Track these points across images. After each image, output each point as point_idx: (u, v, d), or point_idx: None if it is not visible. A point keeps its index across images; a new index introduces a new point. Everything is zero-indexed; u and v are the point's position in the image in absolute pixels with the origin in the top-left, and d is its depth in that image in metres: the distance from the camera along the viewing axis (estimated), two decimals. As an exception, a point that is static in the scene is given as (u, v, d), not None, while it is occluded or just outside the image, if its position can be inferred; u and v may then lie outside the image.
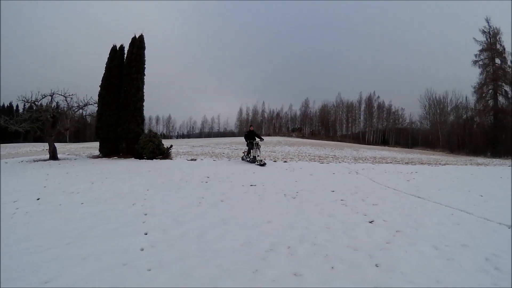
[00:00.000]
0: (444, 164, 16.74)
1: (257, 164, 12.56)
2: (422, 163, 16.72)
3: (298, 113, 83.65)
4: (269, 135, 73.57)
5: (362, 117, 72.79)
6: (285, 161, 15.06)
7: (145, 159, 14.38)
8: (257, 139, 13.69)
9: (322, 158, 17.59)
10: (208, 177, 8.90)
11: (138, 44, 16.22)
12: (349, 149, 29.66)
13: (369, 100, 71.17)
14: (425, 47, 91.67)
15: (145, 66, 16.29)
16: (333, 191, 7.31)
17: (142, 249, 3.46)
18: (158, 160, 13.94)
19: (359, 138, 67.35)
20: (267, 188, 7.43)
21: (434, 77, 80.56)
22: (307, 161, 15.61)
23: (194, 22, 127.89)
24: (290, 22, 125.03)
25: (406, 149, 44.63)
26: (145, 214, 4.92)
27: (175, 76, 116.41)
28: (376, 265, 3.19)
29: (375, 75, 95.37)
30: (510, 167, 15.44)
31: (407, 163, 16.61)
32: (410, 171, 12.24)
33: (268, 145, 30.35)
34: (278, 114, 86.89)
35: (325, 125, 77.16)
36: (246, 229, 4.25)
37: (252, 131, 14.20)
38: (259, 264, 3.08)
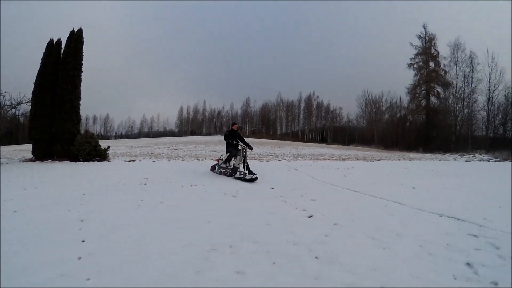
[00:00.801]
0: (379, 160, 18.27)
1: (241, 178, 9.11)
2: (358, 159, 18.09)
3: (239, 112, 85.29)
4: (209, 134, 74.66)
5: (301, 116, 76.28)
6: None
7: (81, 161, 14.08)
8: (242, 144, 9.78)
9: (262, 156, 18.21)
10: (147, 179, 8.84)
11: (76, 38, 15.57)
12: (288, 147, 31.05)
13: (309, 100, 74.78)
14: (363, 50, 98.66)
15: (83, 62, 15.72)
16: (272, 188, 7.68)
17: (79, 258, 3.24)
18: (95, 162, 13.77)
19: (299, 136, 70.43)
20: (207, 188, 7.56)
21: (371, 78, 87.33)
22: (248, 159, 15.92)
23: (136, 19, 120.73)
24: (231, 22, 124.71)
25: (344, 146, 47.96)
26: (82, 221, 4.64)
27: (113, 74, 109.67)
28: (316, 258, 3.30)
29: (315, 76, 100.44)
30: (441, 161, 17.22)
31: (344, 159, 17.82)
32: (347, 167, 13.21)
33: (209, 144, 30.97)
34: (219, 113, 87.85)
35: (266, 123, 79.94)
36: (187, 230, 4.21)
37: (235, 131, 10.25)
38: (201, 265, 3.06)
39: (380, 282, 2.80)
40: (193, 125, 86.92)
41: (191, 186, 7.84)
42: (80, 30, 15.73)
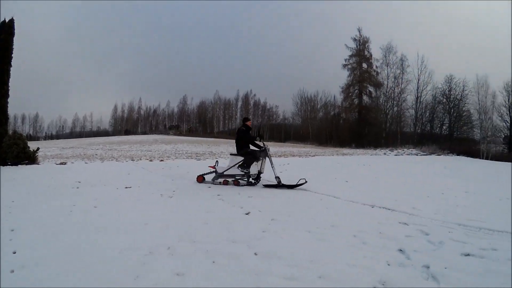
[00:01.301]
0: (314, 156, 19.15)
1: (277, 185, 7.89)
2: (294, 156, 18.82)
3: (176, 110, 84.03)
4: (145, 133, 72.88)
5: (239, 114, 76.79)
6: (161, 160, 15.37)
7: (9, 165, 12.86)
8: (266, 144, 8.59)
9: (199, 155, 18.24)
10: (79, 182, 8.36)
11: (7, 29, 13.82)
12: (225, 145, 31.44)
13: (246, 98, 75.63)
14: (300, 51, 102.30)
15: (12, 56, 14.01)
16: (209, 187, 7.79)
17: (12, 271, 2.84)
18: (24, 166, 12.89)
19: (236, 134, 70.88)
20: (143, 190, 7.38)
21: (306, 78, 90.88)
22: (184, 158, 16.26)
23: (71, 15, 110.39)
24: (168, 17, 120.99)
25: (280, 143, 49.37)
26: (12, 230, 4.10)
27: (43, 69, 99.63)
28: (255, 254, 3.30)
29: (253, 75, 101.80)
30: (372, 155, 18.44)
31: (280, 156, 18.41)
32: (283, 163, 13.58)
33: (144, 144, 30.72)
34: (155, 111, 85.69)
35: (203, 122, 79.41)
36: (123, 234, 4.01)
37: (250, 128, 8.87)
38: (139, 270, 2.91)
39: (319, 273, 2.85)
40: (128, 124, 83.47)
41: (126, 188, 7.58)
42: (11, 21, 14.04)
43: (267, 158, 8.29)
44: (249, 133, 8.60)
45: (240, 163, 8.20)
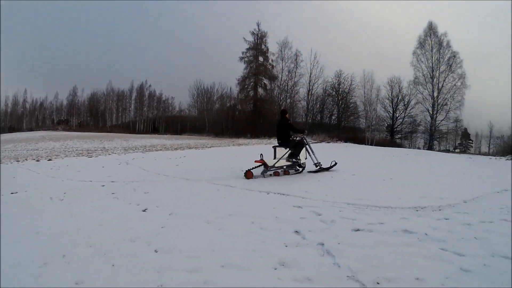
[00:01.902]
0: (210, 147, 19.27)
1: (319, 170, 8.73)
2: (190, 148, 18.70)
3: (65, 102, 74.08)
4: (31, 129, 63.63)
5: (133, 106, 72.14)
6: (49, 160, 13.85)
7: None
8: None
9: (90, 152, 16.89)
10: None
11: None
12: (119, 140, 29.81)
13: (141, 89, 71.34)
14: (196, 42, 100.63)
15: None
16: (103, 186, 7.31)
17: None
18: None
19: (130, 128, 66.90)
20: (30, 194, 6.71)
21: (203, 69, 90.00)
22: (74, 156, 15.03)
23: None
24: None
25: (176, 135, 48.45)
26: None
27: None
28: (156, 251, 3.24)
29: (148, 65, 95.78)
30: (267, 145, 19.30)
31: (176, 149, 18.10)
32: (179, 156, 13.44)
33: (31, 142, 26.96)
34: (42, 104, 73.75)
35: (95, 115, 72.31)
36: (13, 246, 3.57)
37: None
38: (35, 283, 2.67)
39: (220, 262, 2.91)
40: (12, 119, 71.51)
41: (12, 193, 6.68)
42: None
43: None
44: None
45: (289, 153, 8.53)
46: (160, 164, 10.86)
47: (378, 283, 2.55)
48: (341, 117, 40.48)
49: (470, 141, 46.89)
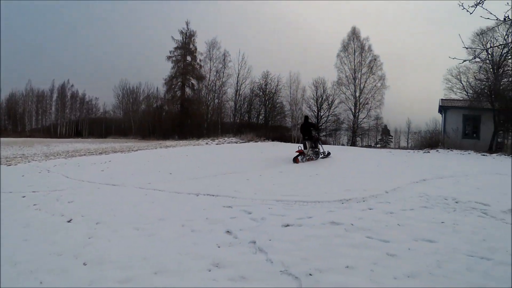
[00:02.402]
0: (137, 150, 18.45)
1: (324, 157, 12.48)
2: (116, 152, 17.70)
3: None
4: None
5: (54, 108, 65.80)
6: None
7: None
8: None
9: (9, 160, 14.92)
10: None
11: None
12: (39, 145, 27.00)
13: (62, 89, 65.35)
14: (122, 38, 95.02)
15: None
16: (24, 197, 6.60)
17: None
18: None
19: (51, 132, 61.13)
20: None
21: (129, 68, 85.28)
22: None
23: None
24: None
25: (100, 139, 45.50)
26: None
27: None
28: (84, 264, 3.06)
29: (70, 63, 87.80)
30: (195, 146, 19.04)
31: (101, 153, 17.04)
32: (104, 161, 12.63)
33: None
34: None
35: (13, 118, 64.14)
36: None
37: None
38: None
39: (154, 269, 2.85)
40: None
41: None
42: None
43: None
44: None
45: (313, 145, 11.95)
46: (84, 171, 10.11)
47: (310, 275, 2.67)
48: (268, 117, 41.44)
49: (390, 137, 51.39)
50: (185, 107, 42.49)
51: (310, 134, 11.94)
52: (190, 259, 2.97)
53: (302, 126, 12.59)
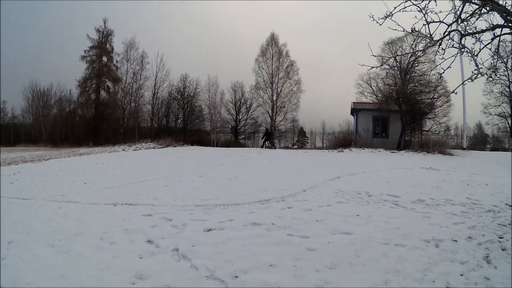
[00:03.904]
0: (48, 159, 16.88)
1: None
2: (25, 162, 15.98)
3: None
4: None
5: None
6: None
7: None
8: None
9: None
10: None
11: None
12: None
13: None
14: (31, 34, 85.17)
15: None
16: None
17: None
18: None
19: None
20: None
21: (40, 67, 76.80)
22: None
23: None
24: None
25: (8, 147, 40.44)
26: None
27: None
28: None
29: None
30: (111, 153, 18.03)
31: (9, 163, 15.19)
32: (13, 172, 11.24)
33: None
34: None
35: None
36: None
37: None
38: None
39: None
40: None
41: None
42: None
43: None
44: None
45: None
46: None
47: (236, 277, 2.77)
48: (187, 121, 40.89)
49: (306, 138, 53.95)
50: (100, 111, 39.70)
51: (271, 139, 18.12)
52: (111, 274, 2.88)
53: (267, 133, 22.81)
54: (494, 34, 3.38)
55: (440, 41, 3.43)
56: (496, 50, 3.60)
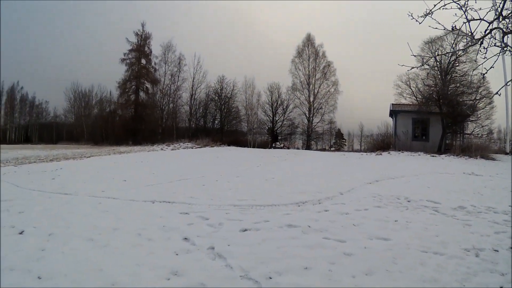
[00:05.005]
0: (89, 157, 17.63)
1: None
2: (67, 159, 16.78)
3: None
4: None
5: (2, 112, 60.41)
6: None
7: None
8: None
9: None
10: None
11: None
12: None
13: (12, 92, 60.28)
14: (73, 39, 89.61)
15: None
16: None
17: None
18: None
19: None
20: None
21: (81, 69, 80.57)
22: None
23: None
24: None
25: (51, 145, 42.70)
26: None
27: None
28: (39, 277, 2.84)
29: (19, 63, 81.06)
30: (150, 152, 18.52)
31: (52, 160, 16.05)
32: (55, 168, 11.88)
33: None
34: None
35: None
36: None
37: None
38: None
39: (109, 282, 2.72)
40: None
41: None
42: None
43: None
44: None
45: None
46: (35, 179, 9.29)
47: (270, 278, 2.71)
48: (224, 122, 41.36)
49: (344, 140, 53.08)
50: (139, 112, 41.03)
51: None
52: (147, 269, 2.88)
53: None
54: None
55: (481, 40, 3.19)
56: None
